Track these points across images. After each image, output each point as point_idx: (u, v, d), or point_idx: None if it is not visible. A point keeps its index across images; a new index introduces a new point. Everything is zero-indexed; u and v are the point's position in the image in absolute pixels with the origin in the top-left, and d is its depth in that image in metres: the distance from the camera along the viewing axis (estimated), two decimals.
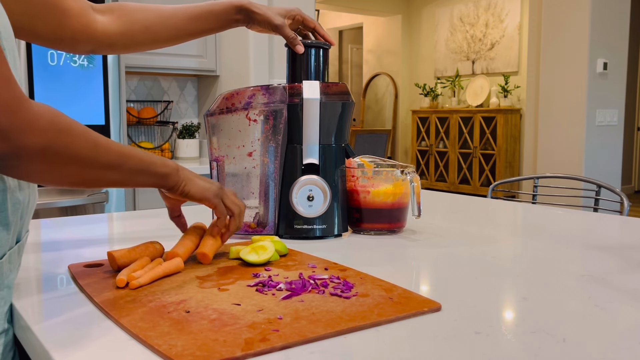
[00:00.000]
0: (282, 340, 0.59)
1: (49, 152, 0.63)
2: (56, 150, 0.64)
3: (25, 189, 0.74)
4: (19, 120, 0.59)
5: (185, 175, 0.86)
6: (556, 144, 4.76)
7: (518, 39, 6.64)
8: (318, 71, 1.14)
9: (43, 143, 0.62)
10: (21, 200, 0.73)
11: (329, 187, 1.10)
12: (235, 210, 0.92)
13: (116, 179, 0.76)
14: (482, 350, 0.58)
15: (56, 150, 0.64)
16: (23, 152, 0.61)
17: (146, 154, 0.80)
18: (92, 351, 0.58)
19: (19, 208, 0.73)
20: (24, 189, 0.74)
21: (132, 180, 0.79)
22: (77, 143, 0.66)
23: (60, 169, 0.66)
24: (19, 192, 0.72)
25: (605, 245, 1.09)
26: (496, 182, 2.20)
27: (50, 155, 0.63)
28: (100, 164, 0.71)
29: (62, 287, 0.81)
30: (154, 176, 0.81)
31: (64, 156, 0.65)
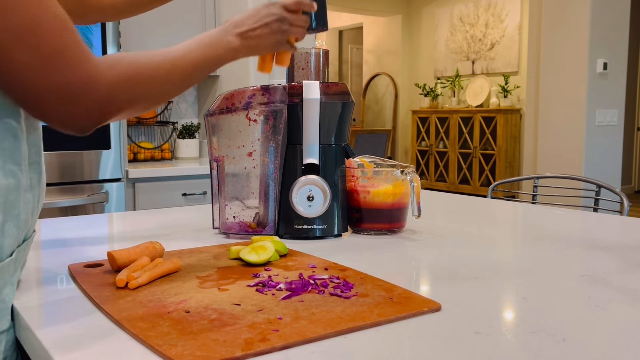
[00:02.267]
0: (282, 340, 0.59)
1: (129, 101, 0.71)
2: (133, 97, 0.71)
3: (35, 188, 0.75)
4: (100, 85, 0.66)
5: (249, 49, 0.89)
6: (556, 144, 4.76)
7: (518, 39, 6.64)
8: (318, 70, 1.14)
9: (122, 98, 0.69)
10: (31, 199, 0.74)
11: (329, 187, 1.10)
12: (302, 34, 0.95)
13: (191, 85, 0.83)
14: (482, 350, 0.58)
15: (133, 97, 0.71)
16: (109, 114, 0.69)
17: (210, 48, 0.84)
18: (92, 351, 0.58)
19: (29, 207, 0.73)
20: (35, 188, 0.74)
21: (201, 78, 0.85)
22: (151, 84, 0.74)
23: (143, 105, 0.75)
24: (30, 192, 0.73)
25: (605, 245, 1.09)
26: (496, 182, 2.20)
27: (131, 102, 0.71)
28: (174, 86, 0.79)
29: (62, 287, 0.81)
30: (221, 64, 0.87)
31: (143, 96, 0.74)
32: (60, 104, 0.64)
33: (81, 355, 0.58)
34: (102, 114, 0.68)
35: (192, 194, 2.63)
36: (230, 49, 0.87)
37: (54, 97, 0.63)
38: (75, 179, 2.36)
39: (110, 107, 0.68)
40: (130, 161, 2.87)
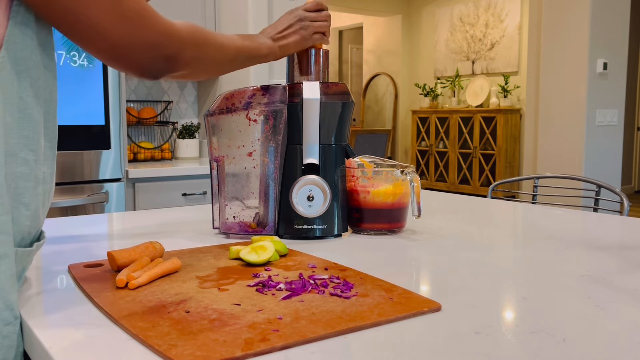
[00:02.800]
0: (282, 340, 0.59)
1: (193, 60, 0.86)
2: (197, 57, 0.87)
3: (48, 182, 0.76)
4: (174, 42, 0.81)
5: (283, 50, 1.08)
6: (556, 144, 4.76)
7: (518, 39, 6.64)
8: (318, 70, 1.14)
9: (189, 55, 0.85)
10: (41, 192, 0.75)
11: (329, 187, 1.10)
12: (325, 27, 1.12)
13: (234, 67, 1.01)
14: (482, 350, 0.58)
15: (197, 57, 0.87)
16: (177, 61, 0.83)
17: (251, 40, 1.03)
18: (92, 351, 0.58)
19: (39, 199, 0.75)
20: (47, 182, 0.76)
21: (245, 65, 1.03)
22: (210, 51, 0.91)
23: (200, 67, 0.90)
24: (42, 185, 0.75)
25: (605, 245, 1.09)
26: (496, 182, 2.20)
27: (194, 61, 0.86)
28: (223, 61, 0.96)
29: (62, 287, 0.81)
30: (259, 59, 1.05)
31: (203, 60, 0.89)
32: (149, 54, 0.78)
33: (81, 355, 0.58)
34: (179, 61, 0.82)
35: (192, 194, 2.63)
36: (267, 47, 1.05)
37: (137, 48, 0.76)
38: (75, 179, 2.36)
39: (184, 55, 0.83)
40: (130, 161, 2.87)
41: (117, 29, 0.73)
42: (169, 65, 0.81)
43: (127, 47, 0.75)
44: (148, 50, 0.77)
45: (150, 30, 0.76)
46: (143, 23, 0.75)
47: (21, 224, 0.72)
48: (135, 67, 0.78)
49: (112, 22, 0.72)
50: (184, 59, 0.83)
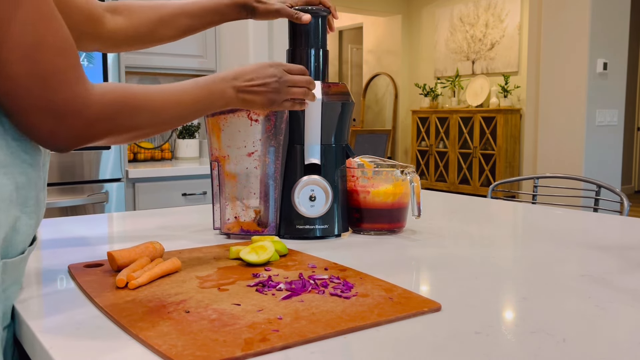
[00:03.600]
0: (282, 340, 0.59)
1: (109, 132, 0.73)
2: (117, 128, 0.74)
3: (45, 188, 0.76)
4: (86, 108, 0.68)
5: (244, 102, 0.93)
6: (556, 144, 4.76)
7: (518, 39, 6.64)
8: (318, 71, 1.14)
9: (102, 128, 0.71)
10: (42, 198, 0.75)
11: (330, 187, 1.10)
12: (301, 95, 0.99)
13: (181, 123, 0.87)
14: (482, 350, 0.58)
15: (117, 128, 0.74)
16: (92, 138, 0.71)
17: (204, 92, 0.87)
18: (92, 351, 0.58)
19: (41, 206, 0.75)
20: (45, 188, 0.76)
21: (196, 117, 0.89)
22: (140, 118, 0.76)
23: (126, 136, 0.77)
24: (42, 191, 0.75)
25: (605, 245, 1.09)
26: (496, 182, 2.20)
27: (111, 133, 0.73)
28: (163, 122, 0.82)
29: (62, 287, 0.81)
30: (212, 110, 0.91)
31: (127, 129, 0.76)
32: (48, 122, 0.65)
33: (81, 355, 0.58)
34: (85, 137, 0.70)
35: (192, 194, 2.63)
36: (224, 98, 0.90)
37: (43, 114, 0.65)
38: (75, 179, 2.36)
39: (94, 131, 0.70)
40: (130, 161, 2.87)
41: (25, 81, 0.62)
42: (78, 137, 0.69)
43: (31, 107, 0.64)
44: (54, 117, 0.65)
45: (61, 93, 0.65)
46: (56, 84, 0.64)
47: (24, 234, 0.72)
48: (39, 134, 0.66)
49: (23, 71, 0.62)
50: (98, 132, 0.71)
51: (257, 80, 0.93)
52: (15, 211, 0.69)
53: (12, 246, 0.70)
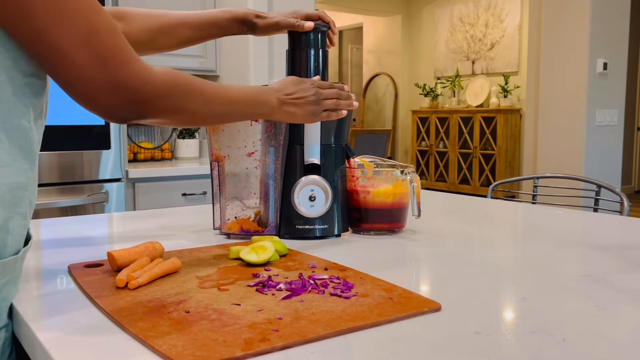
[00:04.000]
0: (282, 340, 0.59)
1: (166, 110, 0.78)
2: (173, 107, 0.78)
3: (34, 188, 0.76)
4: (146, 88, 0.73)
5: (285, 115, 0.98)
6: (556, 144, 4.76)
7: (518, 39, 6.64)
8: (318, 71, 1.14)
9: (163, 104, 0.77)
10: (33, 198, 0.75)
11: (330, 187, 1.10)
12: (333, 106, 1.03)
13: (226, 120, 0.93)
14: (482, 350, 0.58)
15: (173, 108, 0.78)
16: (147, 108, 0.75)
17: (252, 96, 0.93)
18: (92, 351, 0.58)
19: (33, 205, 0.75)
20: (35, 187, 0.76)
21: (240, 119, 0.96)
22: (193, 103, 0.81)
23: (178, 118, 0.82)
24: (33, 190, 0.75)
25: (605, 245, 1.09)
26: (496, 182, 2.20)
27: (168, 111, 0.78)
28: (210, 114, 0.87)
29: (62, 287, 0.81)
30: (257, 117, 0.97)
31: (181, 111, 0.80)
32: (111, 98, 0.71)
33: (81, 355, 0.58)
34: (144, 111, 0.75)
35: (192, 194, 2.63)
36: (268, 107, 0.95)
37: (106, 92, 0.70)
38: (75, 179, 2.35)
39: (152, 106, 0.76)
40: (130, 161, 2.87)
41: (85, 66, 0.67)
42: (137, 111, 0.74)
43: (93, 85, 0.69)
44: (116, 92, 0.71)
45: (122, 71, 0.70)
46: (115, 63, 0.69)
47: (17, 234, 0.72)
48: (100, 107, 0.72)
49: (83, 56, 0.67)
50: (155, 108, 0.76)
51: (297, 94, 0.99)
52: (6, 212, 0.69)
53: (4, 247, 0.70)
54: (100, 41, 0.68)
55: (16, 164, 0.69)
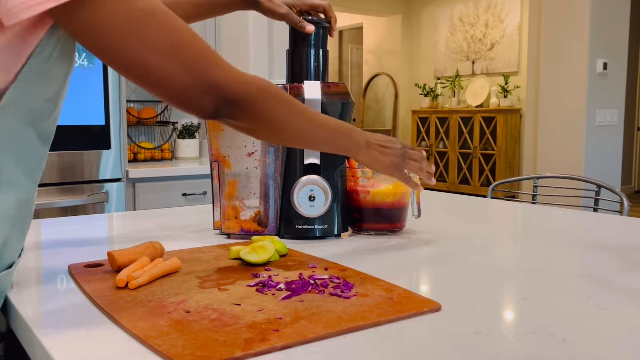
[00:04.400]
0: (282, 340, 0.59)
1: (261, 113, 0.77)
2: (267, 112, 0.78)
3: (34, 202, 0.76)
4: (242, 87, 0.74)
5: (369, 157, 0.96)
6: (556, 144, 4.76)
7: (518, 39, 6.64)
8: (317, 70, 1.14)
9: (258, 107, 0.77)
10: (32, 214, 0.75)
11: (330, 187, 1.10)
12: (415, 169, 1.02)
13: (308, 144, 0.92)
14: (482, 350, 0.58)
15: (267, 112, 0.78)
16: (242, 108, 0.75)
17: (341, 126, 0.91)
18: (92, 351, 0.58)
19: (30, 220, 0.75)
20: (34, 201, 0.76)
21: (320, 147, 0.94)
22: (284, 111, 0.80)
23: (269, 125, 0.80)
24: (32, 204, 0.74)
25: (605, 245, 1.09)
26: (496, 182, 2.20)
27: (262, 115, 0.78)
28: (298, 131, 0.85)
29: (62, 287, 0.81)
30: (342, 149, 0.93)
31: (273, 118, 0.79)
32: (205, 99, 0.72)
33: (81, 355, 0.58)
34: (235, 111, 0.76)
35: (192, 194, 2.63)
36: (356, 145, 0.94)
37: (198, 93, 0.72)
38: (76, 179, 2.36)
39: (244, 106, 0.76)
40: (130, 161, 2.87)
41: (175, 75, 0.69)
42: (229, 110, 0.75)
43: (185, 91, 0.71)
44: (209, 93, 0.72)
45: (212, 72, 0.71)
46: (205, 68, 0.71)
47: (14, 249, 0.73)
48: (194, 109, 0.73)
49: (172, 67, 0.68)
50: (249, 108, 0.76)
51: (386, 143, 0.98)
52: (8, 227, 0.69)
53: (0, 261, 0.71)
54: (185, 50, 0.69)
55: (23, 183, 0.70)
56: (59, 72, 0.69)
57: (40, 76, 0.67)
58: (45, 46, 0.65)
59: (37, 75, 0.67)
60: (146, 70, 0.68)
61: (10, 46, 0.63)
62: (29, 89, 0.66)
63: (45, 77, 0.68)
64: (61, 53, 0.68)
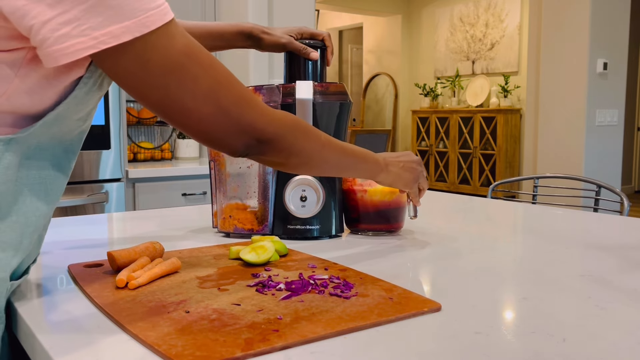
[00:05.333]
0: (282, 340, 0.59)
1: (289, 148, 0.78)
2: (295, 147, 0.79)
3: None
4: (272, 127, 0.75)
5: (390, 175, 0.99)
6: (556, 144, 4.77)
7: (518, 39, 6.64)
8: (315, 71, 1.14)
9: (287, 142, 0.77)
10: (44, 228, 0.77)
11: (322, 188, 1.10)
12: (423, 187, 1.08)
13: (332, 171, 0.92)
14: (482, 350, 0.58)
15: (295, 147, 0.79)
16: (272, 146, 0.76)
17: (361, 151, 0.93)
18: (92, 351, 0.58)
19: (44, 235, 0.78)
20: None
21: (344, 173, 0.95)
22: (311, 145, 0.82)
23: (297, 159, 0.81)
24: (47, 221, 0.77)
25: (605, 245, 1.09)
26: (496, 182, 2.20)
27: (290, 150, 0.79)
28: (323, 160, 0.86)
29: (62, 287, 0.81)
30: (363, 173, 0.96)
31: (300, 151, 0.80)
32: (239, 140, 0.72)
33: (81, 355, 0.58)
34: (266, 149, 0.76)
35: (192, 194, 2.63)
36: (377, 165, 0.97)
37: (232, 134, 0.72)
38: (75, 179, 2.36)
39: (275, 144, 0.76)
40: (130, 161, 2.87)
41: (211, 117, 0.69)
42: (260, 149, 0.76)
43: (220, 133, 0.71)
44: (243, 135, 0.72)
45: (247, 115, 0.72)
46: (240, 112, 0.71)
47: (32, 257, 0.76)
48: (227, 148, 0.74)
49: (209, 110, 0.68)
50: (277, 146, 0.77)
51: (402, 158, 1.02)
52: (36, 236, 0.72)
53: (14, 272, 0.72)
54: (223, 94, 0.69)
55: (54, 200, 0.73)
56: (95, 97, 0.71)
57: (80, 104, 0.68)
58: (88, 80, 0.66)
59: (76, 104, 0.68)
60: (183, 112, 0.68)
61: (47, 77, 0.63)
62: (65, 115, 0.67)
63: (83, 104, 0.69)
64: (101, 84, 0.69)
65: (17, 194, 0.67)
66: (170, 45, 0.63)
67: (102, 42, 0.58)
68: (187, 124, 0.69)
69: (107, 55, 0.60)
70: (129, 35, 0.59)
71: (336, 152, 0.88)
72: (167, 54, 0.63)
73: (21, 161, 0.66)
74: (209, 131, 0.70)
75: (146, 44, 0.61)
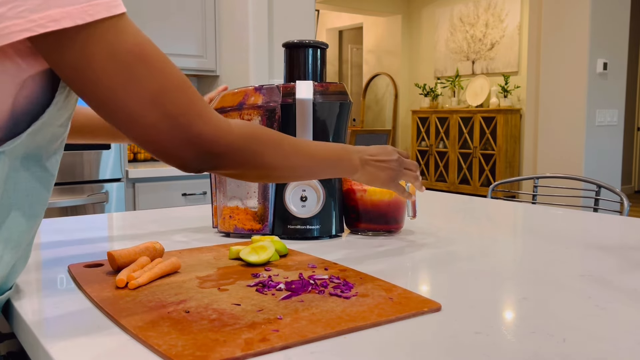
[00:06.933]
0: (282, 340, 0.59)
1: (244, 163, 0.74)
2: (251, 161, 0.75)
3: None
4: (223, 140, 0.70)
5: (365, 174, 0.95)
6: (556, 144, 4.76)
7: (518, 39, 6.64)
8: (315, 71, 1.14)
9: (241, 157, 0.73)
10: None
11: (322, 188, 1.10)
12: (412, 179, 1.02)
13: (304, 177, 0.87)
14: (482, 350, 0.58)
15: (251, 161, 0.75)
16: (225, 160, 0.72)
17: (334, 153, 0.89)
18: (92, 351, 0.58)
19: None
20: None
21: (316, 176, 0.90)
22: (271, 157, 0.78)
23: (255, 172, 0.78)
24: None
25: (605, 245, 1.09)
26: (496, 182, 2.20)
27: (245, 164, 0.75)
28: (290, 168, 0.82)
29: (62, 287, 0.81)
30: (336, 174, 0.92)
31: (259, 165, 0.77)
32: (186, 152, 0.68)
33: (81, 355, 0.58)
34: (218, 164, 0.72)
35: (192, 194, 2.63)
36: (351, 165, 0.92)
37: (179, 146, 0.67)
38: (76, 179, 2.36)
39: (228, 159, 0.72)
40: (130, 161, 2.87)
41: (157, 126, 0.65)
42: (212, 163, 0.72)
43: (167, 142, 0.66)
44: (190, 147, 0.68)
45: (195, 126, 0.67)
46: (188, 121, 0.66)
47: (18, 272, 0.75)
48: (176, 161, 0.70)
49: (154, 117, 0.64)
50: (230, 161, 0.73)
51: (381, 156, 0.96)
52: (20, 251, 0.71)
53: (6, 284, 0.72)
54: (169, 100, 0.65)
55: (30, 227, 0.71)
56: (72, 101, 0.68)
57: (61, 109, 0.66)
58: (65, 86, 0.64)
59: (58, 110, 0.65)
60: (129, 118, 0.64)
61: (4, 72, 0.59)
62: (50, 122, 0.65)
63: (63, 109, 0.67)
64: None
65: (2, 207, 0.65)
66: (118, 41, 0.59)
67: (40, 25, 0.54)
68: (133, 131, 0.65)
69: (49, 43, 0.57)
70: (70, 22, 0.55)
71: (304, 158, 0.83)
72: (113, 50, 0.59)
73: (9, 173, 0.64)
74: (155, 141, 0.66)
75: (90, 36, 0.57)
